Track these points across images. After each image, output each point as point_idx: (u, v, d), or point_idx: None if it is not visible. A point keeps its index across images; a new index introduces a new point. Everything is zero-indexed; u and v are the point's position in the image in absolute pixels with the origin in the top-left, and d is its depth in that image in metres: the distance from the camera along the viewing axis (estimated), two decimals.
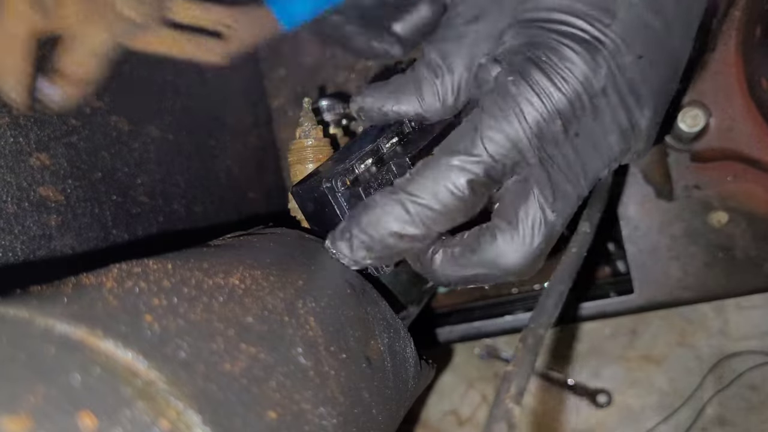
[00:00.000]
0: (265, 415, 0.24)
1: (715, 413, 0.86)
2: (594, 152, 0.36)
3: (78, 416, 0.19)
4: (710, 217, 0.65)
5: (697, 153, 0.64)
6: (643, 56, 0.34)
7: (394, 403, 0.34)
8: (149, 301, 0.24)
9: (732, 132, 0.62)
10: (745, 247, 0.64)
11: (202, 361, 0.23)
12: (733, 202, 0.64)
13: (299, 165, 0.46)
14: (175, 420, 0.20)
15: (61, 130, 0.47)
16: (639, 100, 0.35)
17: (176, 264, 0.28)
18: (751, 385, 0.85)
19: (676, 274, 0.66)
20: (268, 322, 0.27)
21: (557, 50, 0.33)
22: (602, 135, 0.35)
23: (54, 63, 0.46)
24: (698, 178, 0.65)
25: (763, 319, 0.85)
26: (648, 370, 0.89)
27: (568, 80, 0.33)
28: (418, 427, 0.95)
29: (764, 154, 0.62)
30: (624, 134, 0.36)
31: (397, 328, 0.37)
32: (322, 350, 0.29)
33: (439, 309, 0.78)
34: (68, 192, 0.46)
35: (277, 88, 0.84)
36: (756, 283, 0.65)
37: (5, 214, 0.41)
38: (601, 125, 0.35)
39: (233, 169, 0.71)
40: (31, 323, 0.21)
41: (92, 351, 0.21)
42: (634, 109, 0.35)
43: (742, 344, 0.86)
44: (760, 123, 0.61)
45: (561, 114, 0.33)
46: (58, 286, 0.25)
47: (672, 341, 0.89)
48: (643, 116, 0.36)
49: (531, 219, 0.34)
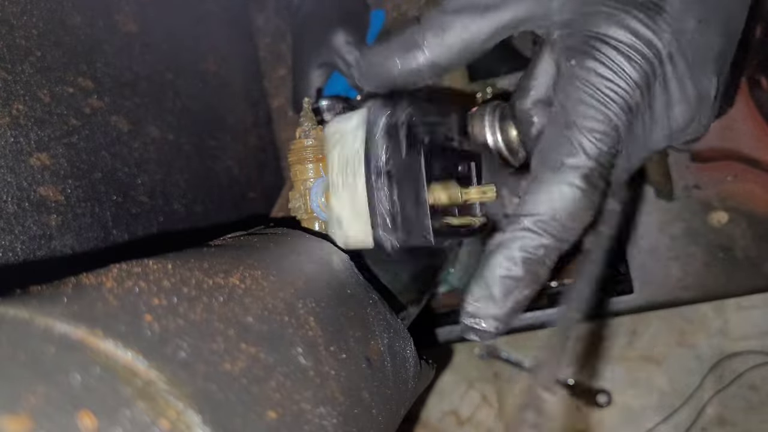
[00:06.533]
0: (265, 415, 0.24)
1: (715, 413, 0.86)
2: (657, 125, 0.34)
3: (78, 416, 0.19)
4: (710, 217, 0.65)
5: (697, 153, 0.64)
6: (702, 20, 0.32)
7: (394, 403, 0.34)
8: (149, 301, 0.24)
9: (732, 132, 0.62)
10: (745, 247, 0.64)
11: (202, 361, 0.23)
12: (733, 202, 0.64)
13: (299, 165, 0.46)
14: (175, 420, 0.20)
15: (61, 130, 0.47)
16: (705, 66, 0.33)
17: (176, 264, 0.28)
18: (751, 385, 0.85)
19: (676, 274, 0.66)
20: (268, 322, 0.27)
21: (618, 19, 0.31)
22: (668, 106, 0.33)
23: None
24: (698, 178, 0.65)
25: (763, 319, 0.85)
26: (648, 370, 0.89)
27: (636, 48, 0.31)
28: (418, 427, 0.95)
29: (764, 154, 0.62)
30: (690, 104, 0.34)
31: (397, 328, 0.36)
32: (322, 350, 0.29)
33: (439, 309, 0.78)
34: (68, 192, 0.46)
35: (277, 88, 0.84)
36: (756, 283, 0.65)
37: (5, 214, 0.41)
38: (668, 95, 0.33)
39: (233, 169, 0.71)
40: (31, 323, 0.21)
41: (92, 351, 0.21)
42: (701, 76, 0.33)
43: (742, 344, 0.85)
44: (760, 123, 0.61)
45: (639, 86, 0.31)
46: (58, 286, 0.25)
47: (672, 341, 0.88)
48: (711, 83, 0.34)
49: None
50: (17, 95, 0.44)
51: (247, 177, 0.73)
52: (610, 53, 0.31)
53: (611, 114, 0.31)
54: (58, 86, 0.48)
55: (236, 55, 0.79)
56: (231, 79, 0.76)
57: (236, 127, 0.74)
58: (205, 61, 0.71)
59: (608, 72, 0.31)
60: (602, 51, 0.31)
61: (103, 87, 0.53)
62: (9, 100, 0.43)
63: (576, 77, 0.32)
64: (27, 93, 0.45)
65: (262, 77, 0.84)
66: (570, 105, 0.32)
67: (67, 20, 0.50)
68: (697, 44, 0.32)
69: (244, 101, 0.78)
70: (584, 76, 0.31)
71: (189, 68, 0.67)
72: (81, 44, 0.51)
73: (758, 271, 0.64)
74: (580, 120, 0.31)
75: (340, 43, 0.69)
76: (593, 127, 0.31)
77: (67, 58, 0.49)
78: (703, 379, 0.86)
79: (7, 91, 0.43)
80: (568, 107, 0.32)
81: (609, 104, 0.31)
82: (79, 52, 0.51)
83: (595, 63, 0.31)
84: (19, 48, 0.45)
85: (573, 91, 0.32)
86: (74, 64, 0.50)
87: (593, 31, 0.32)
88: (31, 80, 0.45)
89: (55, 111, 0.47)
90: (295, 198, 0.46)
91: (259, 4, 0.86)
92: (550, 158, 0.32)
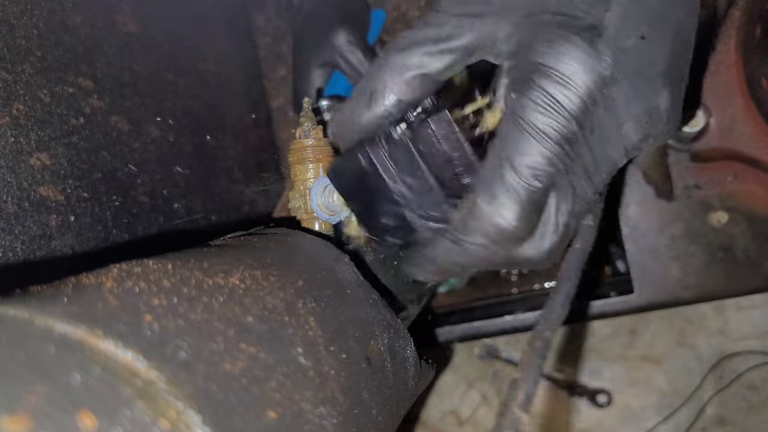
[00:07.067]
0: (265, 415, 0.24)
1: (715, 413, 0.86)
2: (610, 145, 0.34)
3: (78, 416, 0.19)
4: (710, 217, 0.65)
5: (697, 153, 0.64)
6: (645, 36, 0.32)
7: (394, 403, 0.34)
8: (149, 301, 0.24)
9: (732, 132, 0.62)
10: (745, 247, 0.64)
11: (202, 361, 0.23)
12: (733, 202, 0.64)
13: (299, 165, 0.46)
14: (175, 420, 0.20)
15: (61, 130, 0.47)
16: (651, 82, 0.33)
17: (176, 264, 0.28)
18: (751, 385, 0.85)
19: (676, 274, 0.66)
20: (268, 322, 0.27)
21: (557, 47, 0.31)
22: (617, 125, 0.33)
23: None
24: (698, 178, 0.65)
25: (763, 319, 0.85)
26: (648, 370, 0.89)
27: (573, 77, 0.31)
28: (418, 427, 0.95)
29: (764, 154, 0.62)
30: (640, 121, 0.34)
31: (397, 328, 0.37)
32: (322, 350, 0.29)
33: (439, 309, 0.78)
34: (68, 192, 0.46)
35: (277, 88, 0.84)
36: (756, 283, 0.65)
37: (5, 214, 0.41)
38: (615, 115, 0.33)
39: (233, 169, 0.71)
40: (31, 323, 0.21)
41: (92, 351, 0.21)
42: (647, 92, 0.33)
43: (742, 344, 0.85)
44: (760, 123, 0.61)
45: (575, 115, 0.32)
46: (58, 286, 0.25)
47: (672, 341, 0.88)
48: (660, 98, 0.34)
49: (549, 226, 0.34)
50: (17, 95, 0.44)
51: (247, 177, 0.73)
52: (548, 86, 0.31)
53: (546, 151, 0.31)
54: (58, 86, 0.48)
55: (236, 55, 0.79)
56: (231, 79, 0.76)
57: (236, 127, 0.74)
58: (205, 61, 0.71)
59: (544, 108, 0.31)
60: (540, 84, 0.31)
61: (103, 87, 0.53)
62: (9, 100, 0.43)
63: (514, 112, 0.32)
64: (27, 93, 0.45)
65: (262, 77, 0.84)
66: (507, 140, 0.32)
67: (67, 20, 0.50)
68: (639, 61, 0.32)
69: (244, 101, 0.78)
70: (520, 112, 0.32)
71: (189, 68, 0.67)
72: (81, 44, 0.51)
73: (758, 271, 0.64)
74: (516, 157, 0.32)
75: (342, 42, 0.69)
76: (528, 164, 0.32)
77: (68, 58, 0.49)
78: (703, 379, 0.86)
79: (7, 91, 0.43)
80: (505, 142, 0.32)
81: (543, 141, 0.31)
82: (79, 52, 0.51)
83: (532, 98, 0.31)
84: (20, 48, 0.45)
85: (511, 126, 0.32)
86: (74, 64, 0.50)
87: (534, 61, 0.32)
88: (32, 80, 0.45)
89: (55, 111, 0.47)
90: (295, 198, 0.46)
91: (259, 4, 0.87)
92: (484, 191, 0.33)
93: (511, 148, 0.32)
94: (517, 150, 0.32)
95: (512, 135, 0.32)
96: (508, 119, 0.33)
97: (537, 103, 0.31)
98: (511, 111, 0.33)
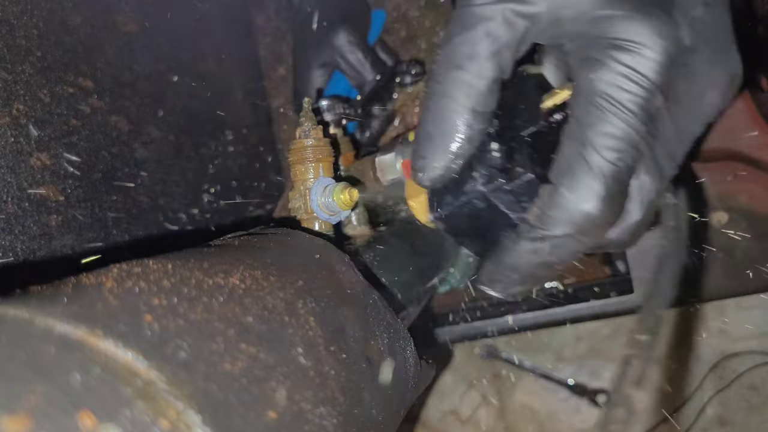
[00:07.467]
0: (265, 415, 0.24)
1: (715, 413, 0.86)
2: (691, 116, 0.33)
3: (78, 416, 0.19)
4: (710, 217, 0.65)
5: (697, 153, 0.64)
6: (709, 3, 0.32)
7: (394, 403, 0.34)
8: (149, 301, 0.24)
9: (732, 132, 0.62)
10: (745, 247, 0.64)
11: (202, 361, 0.23)
12: (733, 202, 0.64)
13: (299, 165, 0.46)
14: (175, 420, 0.20)
15: (61, 130, 0.47)
16: (726, 46, 0.33)
17: (176, 264, 0.28)
18: (751, 385, 0.85)
19: None
20: (268, 322, 0.27)
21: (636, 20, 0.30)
22: (699, 95, 0.33)
23: None
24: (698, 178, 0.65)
25: (763, 319, 0.85)
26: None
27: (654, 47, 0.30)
28: (418, 427, 0.95)
29: (764, 154, 0.62)
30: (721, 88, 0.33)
31: (397, 328, 0.36)
32: (322, 350, 0.29)
33: (439, 309, 0.78)
34: (68, 192, 0.46)
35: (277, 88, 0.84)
36: (756, 283, 0.65)
37: (5, 214, 0.41)
38: (696, 85, 0.32)
39: (233, 169, 0.71)
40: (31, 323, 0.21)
41: (92, 351, 0.21)
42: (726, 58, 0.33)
43: (742, 344, 0.85)
44: (760, 123, 0.61)
45: (659, 85, 0.30)
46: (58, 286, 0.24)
47: (672, 341, 0.88)
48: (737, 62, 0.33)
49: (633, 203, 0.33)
50: (17, 95, 0.44)
51: (247, 177, 0.73)
52: (628, 59, 0.30)
53: (628, 128, 0.30)
54: (58, 86, 0.48)
55: (236, 55, 0.79)
56: (231, 79, 0.76)
57: (236, 127, 0.74)
58: (205, 61, 0.71)
59: (625, 80, 0.30)
60: (619, 59, 0.30)
61: (103, 87, 0.53)
62: (9, 100, 0.43)
63: (591, 91, 0.31)
64: (27, 93, 0.45)
65: (262, 77, 0.84)
66: (588, 121, 0.31)
67: (67, 20, 0.50)
68: (711, 27, 0.32)
69: (244, 101, 0.78)
70: (599, 90, 0.31)
71: (189, 68, 0.67)
72: (81, 44, 0.51)
73: (758, 271, 0.64)
74: (597, 137, 0.31)
75: (342, 42, 0.69)
76: (610, 144, 0.30)
77: (68, 58, 0.49)
78: (703, 380, 0.86)
79: (7, 91, 0.43)
80: (584, 123, 0.31)
81: (626, 117, 0.30)
82: (79, 52, 0.51)
83: (612, 73, 0.30)
84: (20, 48, 0.45)
85: (589, 106, 0.31)
86: (74, 64, 0.50)
87: (610, 37, 0.31)
88: (32, 80, 0.45)
89: (55, 111, 0.47)
90: (295, 198, 0.46)
91: (259, 4, 0.86)
92: (566, 177, 0.31)
93: (591, 129, 0.31)
94: (598, 130, 0.30)
95: (591, 115, 0.31)
96: (583, 100, 0.31)
97: (617, 77, 0.30)
98: (586, 91, 0.31)
